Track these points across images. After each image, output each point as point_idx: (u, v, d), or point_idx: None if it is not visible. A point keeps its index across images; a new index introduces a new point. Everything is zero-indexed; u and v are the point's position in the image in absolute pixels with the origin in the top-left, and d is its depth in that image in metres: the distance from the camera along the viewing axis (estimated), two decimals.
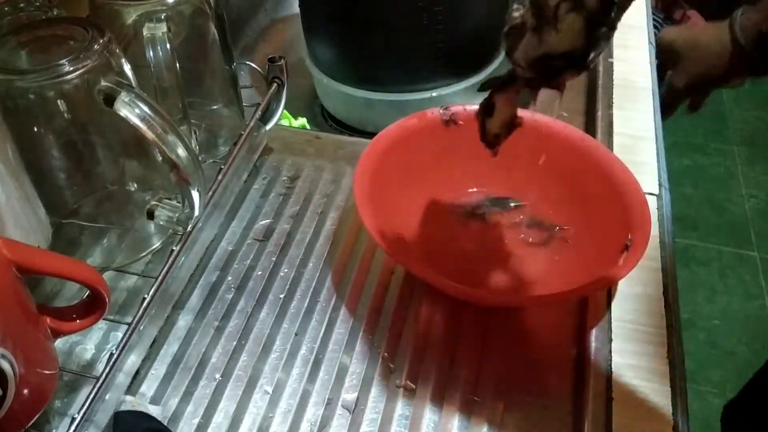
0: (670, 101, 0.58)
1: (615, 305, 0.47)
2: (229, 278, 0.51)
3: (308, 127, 0.72)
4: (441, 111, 0.54)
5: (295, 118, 0.71)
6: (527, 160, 0.49)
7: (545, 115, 0.51)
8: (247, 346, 0.46)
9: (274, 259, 0.52)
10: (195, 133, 0.53)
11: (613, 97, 0.64)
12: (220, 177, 0.51)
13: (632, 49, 0.71)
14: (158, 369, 0.45)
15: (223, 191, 0.54)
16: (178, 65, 0.46)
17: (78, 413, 0.37)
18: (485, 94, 0.40)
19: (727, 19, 0.52)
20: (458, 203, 0.54)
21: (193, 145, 0.52)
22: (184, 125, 0.49)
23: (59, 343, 0.41)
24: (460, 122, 0.54)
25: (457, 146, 0.52)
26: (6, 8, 0.47)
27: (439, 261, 0.50)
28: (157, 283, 0.43)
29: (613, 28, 0.28)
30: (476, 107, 0.42)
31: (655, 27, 0.77)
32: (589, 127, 0.63)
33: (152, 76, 0.45)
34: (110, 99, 0.40)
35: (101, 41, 0.41)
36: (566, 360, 0.45)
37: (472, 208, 0.54)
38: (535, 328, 0.47)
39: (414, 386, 0.44)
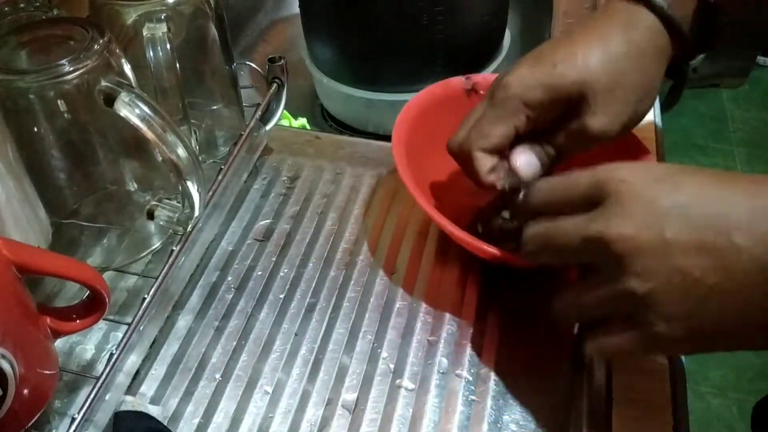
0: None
1: None
2: (229, 278, 0.51)
3: (308, 127, 0.72)
4: (464, 80, 0.55)
5: (295, 118, 0.71)
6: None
7: None
8: (247, 346, 0.46)
9: (274, 259, 0.52)
10: (195, 133, 0.53)
11: None
12: (220, 177, 0.51)
13: None
14: (158, 369, 0.45)
15: (223, 191, 0.54)
16: (178, 65, 0.46)
17: (78, 413, 0.37)
18: None
19: None
20: None
21: (193, 145, 0.52)
22: (184, 125, 0.49)
23: (59, 343, 0.41)
24: (481, 92, 0.54)
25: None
26: (6, 8, 0.47)
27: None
28: (157, 283, 0.43)
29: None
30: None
31: None
32: None
33: (152, 76, 0.45)
34: (110, 99, 0.40)
35: (101, 41, 0.41)
36: (566, 360, 0.45)
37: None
38: (534, 327, 0.47)
39: (414, 386, 0.44)
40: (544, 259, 0.38)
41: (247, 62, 0.63)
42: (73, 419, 0.37)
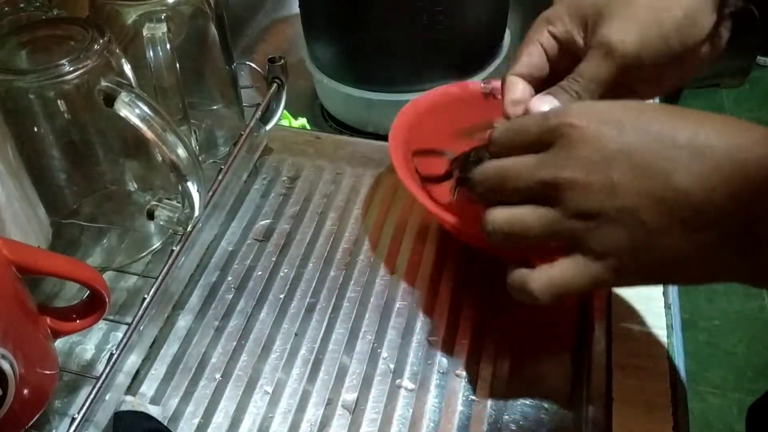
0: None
1: (615, 305, 0.47)
2: (229, 278, 0.51)
3: (308, 127, 0.72)
4: (482, 84, 0.56)
5: (295, 118, 0.71)
6: None
7: None
8: (247, 346, 0.46)
9: (274, 259, 0.52)
10: (195, 133, 0.53)
11: None
12: (220, 177, 0.51)
13: None
14: (158, 369, 0.45)
15: (223, 191, 0.54)
16: (178, 65, 0.46)
17: (78, 413, 0.37)
18: None
19: None
20: None
21: (193, 145, 0.52)
22: (184, 125, 0.49)
23: (59, 343, 0.41)
24: (499, 96, 0.54)
25: (494, 117, 0.52)
26: (6, 8, 0.47)
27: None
28: (157, 283, 0.43)
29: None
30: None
31: None
32: None
33: (152, 76, 0.45)
34: (110, 99, 0.40)
35: (101, 41, 0.41)
36: (566, 360, 0.45)
37: None
38: (534, 328, 0.47)
39: (414, 386, 0.44)
40: (492, 200, 0.37)
41: (247, 62, 0.63)
42: (73, 419, 0.37)
